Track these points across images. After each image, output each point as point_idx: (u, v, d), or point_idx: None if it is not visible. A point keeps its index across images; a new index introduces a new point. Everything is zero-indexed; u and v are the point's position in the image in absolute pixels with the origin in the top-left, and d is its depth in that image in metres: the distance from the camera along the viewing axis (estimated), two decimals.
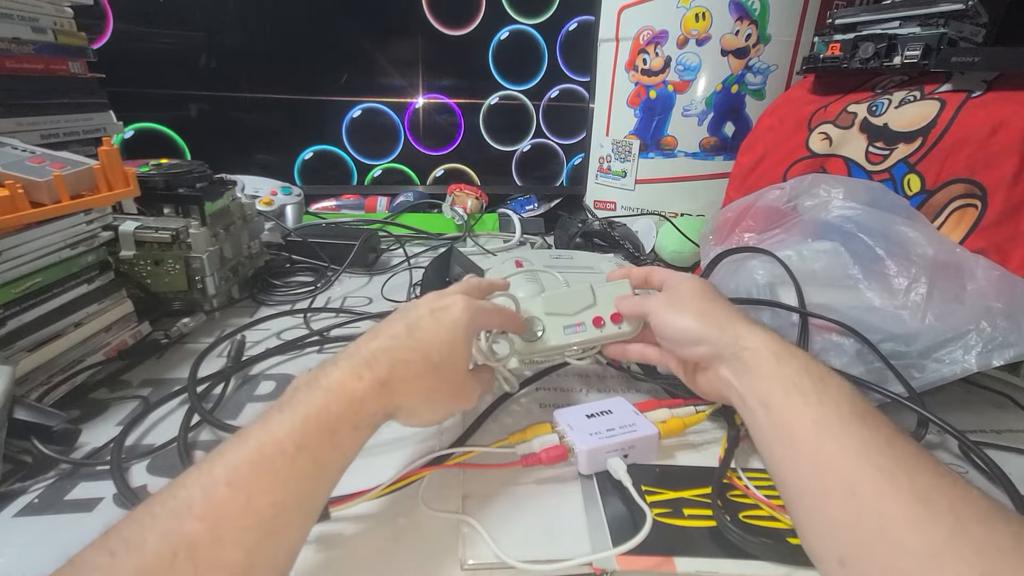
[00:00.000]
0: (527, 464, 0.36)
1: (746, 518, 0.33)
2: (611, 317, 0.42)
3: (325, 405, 0.26)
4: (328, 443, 0.25)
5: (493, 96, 1.07)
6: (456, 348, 0.32)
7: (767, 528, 0.32)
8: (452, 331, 0.32)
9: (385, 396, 0.28)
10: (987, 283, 0.43)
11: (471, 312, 0.33)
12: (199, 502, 0.21)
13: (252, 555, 0.21)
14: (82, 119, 0.60)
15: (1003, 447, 0.41)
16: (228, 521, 0.21)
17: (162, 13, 0.87)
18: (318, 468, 0.25)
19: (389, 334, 0.31)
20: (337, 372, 0.28)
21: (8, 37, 0.52)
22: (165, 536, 0.20)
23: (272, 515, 0.22)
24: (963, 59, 0.49)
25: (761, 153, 0.67)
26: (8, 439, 0.35)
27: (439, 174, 1.10)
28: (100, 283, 0.47)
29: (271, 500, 0.22)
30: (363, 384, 0.27)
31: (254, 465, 0.23)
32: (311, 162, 1.03)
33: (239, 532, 0.21)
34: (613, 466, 0.35)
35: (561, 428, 0.38)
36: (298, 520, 0.24)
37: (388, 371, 0.28)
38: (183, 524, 0.21)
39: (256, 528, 0.22)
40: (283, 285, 0.69)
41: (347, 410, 0.26)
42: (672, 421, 0.39)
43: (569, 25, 1.05)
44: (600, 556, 0.30)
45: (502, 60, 1.05)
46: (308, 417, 0.25)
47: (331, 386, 0.27)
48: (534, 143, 1.13)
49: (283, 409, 0.25)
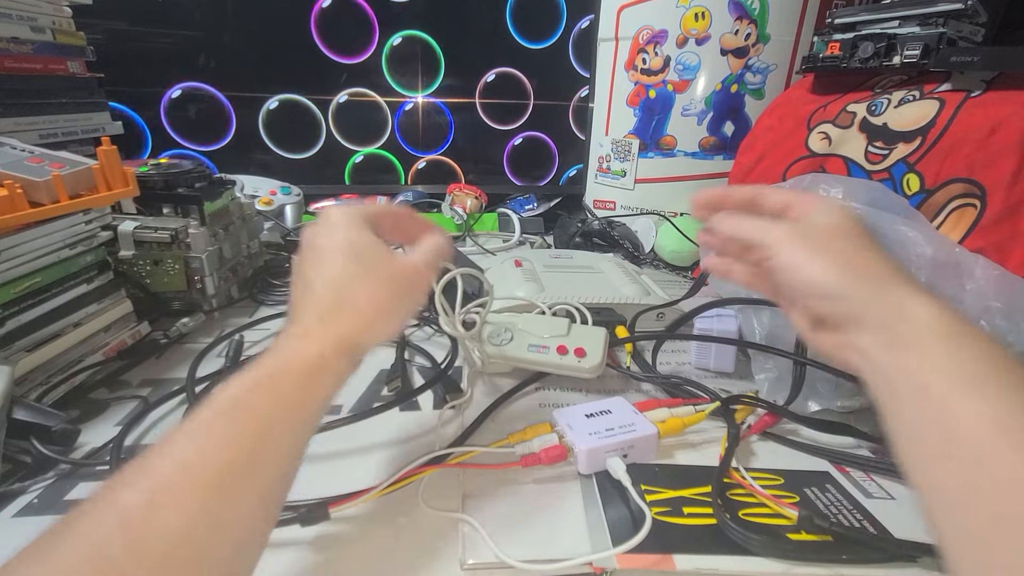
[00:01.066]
0: (527, 464, 0.36)
1: (746, 515, 0.33)
2: (575, 351, 0.45)
3: (259, 362, 0.24)
4: (268, 394, 0.23)
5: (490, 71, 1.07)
6: (353, 239, 0.29)
7: (767, 525, 0.32)
8: (336, 228, 0.29)
9: (329, 333, 0.26)
10: (986, 282, 0.43)
11: (341, 209, 0.30)
12: (131, 473, 0.20)
13: (194, 519, 0.19)
14: (81, 119, 0.60)
15: None
16: (165, 489, 0.20)
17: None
18: (261, 423, 0.22)
19: (299, 284, 0.29)
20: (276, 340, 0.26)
21: (7, 36, 0.52)
22: (96, 507, 0.19)
23: (215, 476, 0.20)
24: (962, 59, 0.49)
25: (760, 153, 0.67)
26: (7, 439, 0.35)
27: (421, 166, 1.10)
28: (99, 283, 0.47)
29: (210, 462, 0.21)
30: (294, 331, 0.26)
31: (187, 432, 0.21)
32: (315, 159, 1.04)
33: (177, 496, 0.20)
34: (612, 466, 0.35)
35: (560, 428, 0.38)
36: (247, 481, 0.21)
37: (319, 303, 0.27)
38: (116, 495, 0.19)
39: (198, 492, 0.20)
40: (282, 285, 0.69)
41: (284, 358, 0.25)
42: (671, 421, 0.39)
43: None
44: (600, 556, 0.30)
45: None
46: (242, 375, 0.24)
47: (267, 350, 0.25)
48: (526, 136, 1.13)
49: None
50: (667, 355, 0.53)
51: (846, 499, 0.35)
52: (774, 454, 0.39)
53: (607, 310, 0.54)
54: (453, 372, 0.47)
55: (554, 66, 1.09)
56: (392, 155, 1.08)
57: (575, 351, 0.46)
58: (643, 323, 0.56)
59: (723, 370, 0.50)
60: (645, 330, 0.55)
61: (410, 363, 0.51)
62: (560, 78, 1.11)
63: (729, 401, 0.42)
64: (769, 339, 0.47)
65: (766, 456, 0.39)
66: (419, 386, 0.44)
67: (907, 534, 0.31)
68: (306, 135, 1.03)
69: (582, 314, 0.52)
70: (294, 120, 1.01)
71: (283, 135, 1.01)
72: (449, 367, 0.47)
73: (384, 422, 0.41)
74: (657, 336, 0.54)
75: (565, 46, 1.08)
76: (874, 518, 0.33)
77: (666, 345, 0.54)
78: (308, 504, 0.31)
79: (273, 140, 1.01)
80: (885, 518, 0.33)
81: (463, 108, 1.08)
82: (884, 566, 0.30)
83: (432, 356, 0.51)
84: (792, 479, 0.37)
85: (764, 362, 0.46)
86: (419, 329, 0.58)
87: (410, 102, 1.05)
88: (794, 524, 0.32)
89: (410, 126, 1.07)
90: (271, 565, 0.29)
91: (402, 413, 0.43)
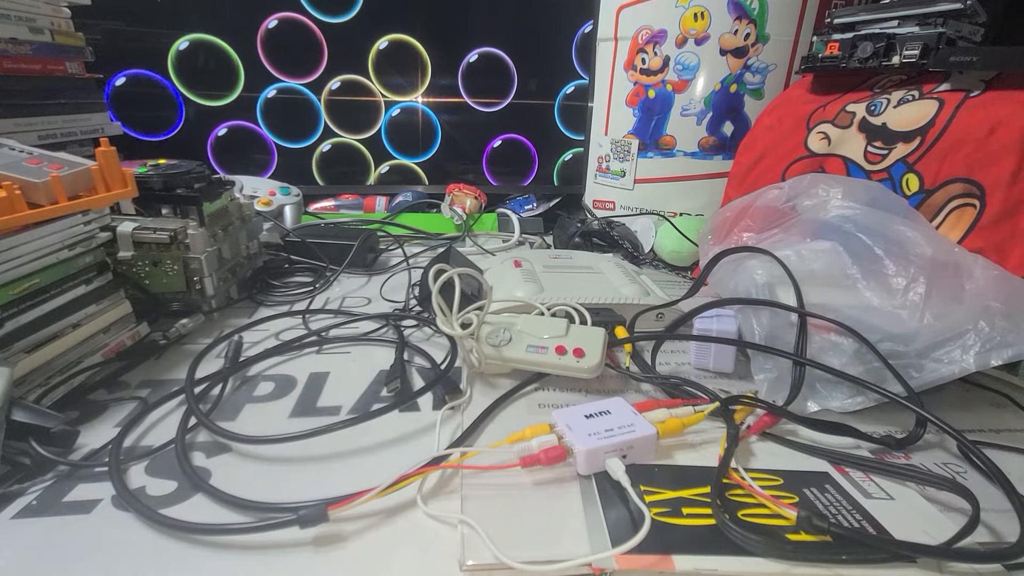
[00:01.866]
0: (526, 465, 0.36)
1: (745, 516, 0.33)
2: (574, 351, 0.45)
3: None
4: None
5: None
6: None
7: (766, 526, 0.32)
8: None
9: None
10: (985, 282, 0.43)
11: None
12: None
13: None
14: (80, 119, 0.60)
15: (1002, 447, 0.41)
16: None
17: None
18: None
19: None
20: None
21: (5, 37, 0.52)
22: None
23: None
24: (962, 58, 0.49)
25: (760, 152, 0.67)
26: (6, 441, 0.35)
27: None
28: (98, 284, 0.47)
29: None
30: None
31: None
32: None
33: None
34: (611, 466, 0.35)
35: (560, 428, 0.38)
36: None
37: None
38: None
39: None
40: (282, 285, 0.69)
41: None
42: (671, 421, 0.39)
43: None
44: (599, 556, 0.30)
45: None
46: None
47: None
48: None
49: None
50: (666, 355, 0.53)
51: (845, 499, 0.35)
52: (773, 455, 0.39)
53: (606, 310, 0.54)
54: (452, 373, 0.47)
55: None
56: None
57: (574, 351, 0.46)
58: (642, 323, 0.56)
59: (722, 370, 0.50)
60: (644, 330, 0.55)
61: (409, 364, 0.51)
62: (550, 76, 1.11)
63: (728, 401, 0.42)
64: (768, 339, 0.47)
65: (765, 456, 0.39)
66: (419, 388, 0.44)
67: (907, 534, 0.31)
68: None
69: (581, 314, 0.52)
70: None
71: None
72: (449, 368, 0.47)
73: (383, 423, 0.41)
74: (656, 336, 0.54)
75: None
76: (873, 518, 0.33)
77: (665, 345, 0.54)
78: (307, 506, 0.31)
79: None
80: (884, 518, 0.33)
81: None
82: (883, 566, 0.30)
83: (431, 357, 0.51)
84: (791, 479, 0.37)
85: (763, 362, 0.46)
86: (418, 330, 0.58)
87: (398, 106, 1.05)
88: (793, 525, 0.32)
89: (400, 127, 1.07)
90: (270, 567, 0.29)
91: (401, 414, 0.43)
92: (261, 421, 0.42)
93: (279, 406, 0.44)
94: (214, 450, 0.39)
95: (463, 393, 0.45)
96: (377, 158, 1.09)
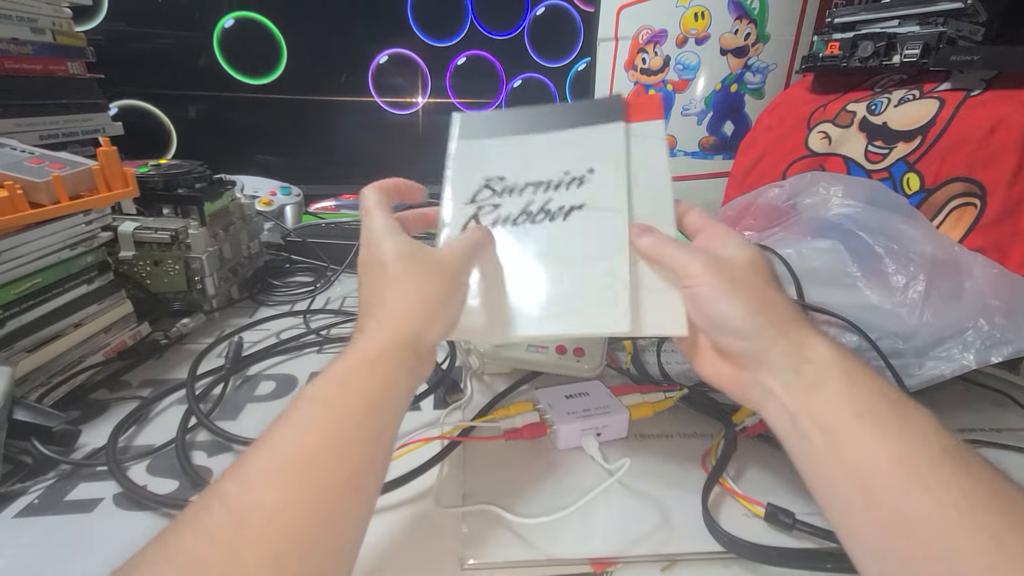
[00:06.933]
0: (509, 438, 0.39)
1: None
2: (574, 351, 0.46)
3: (331, 363, 0.26)
4: (339, 387, 0.25)
5: None
6: (386, 235, 0.29)
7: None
8: (371, 229, 0.30)
9: (385, 328, 0.27)
10: (985, 281, 0.43)
11: (373, 197, 0.32)
12: (228, 469, 0.22)
13: (287, 495, 0.21)
14: (81, 119, 0.60)
15: (1002, 445, 0.41)
16: (258, 472, 0.22)
17: None
18: (336, 412, 0.24)
19: (360, 295, 0.30)
20: None
21: (7, 38, 0.52)
22: (201, 498, 0.21)
23: (301, 460, 0.22)
24: (962, 58, 0.49)
25: (760, 152, 0.67)
26: (8, 440, 0.35)
27: None
28: (99, 284, 0.47)
29: (295, 448, 0.23)
30: (356, 334, 0.28)
31: (275, 427, 0.23)
32: None
33: (270, 476, 0.22)
34: (586, 443, 0.38)
35: (542, 406, 0.41)
36: (332, 464, 0.23)
37: (375, 307, 0.28)
38: (216, 486, 0.21)
39: (288, 472, 0.22)
40: (283, 285, 0.69)
41: (348, 356, 0.26)
42: (643, 405, 0.42)
43: None
44: (599, 556, 0.30)
45: None
46: (318, 377, 0.26)
47: (337, 355, 0.27)
48: None
49: None
50: (667, 355, 0.53)
51: None
52: (773, 456, 0.39)
53: None
54: (453, 372, 0.47)
55: None
56: None
57: (574, 351, 0.46)
58: None
59: None
60: None
61: None
62: None
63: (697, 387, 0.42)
64: None
65: (763, 458, 0.39)
66: (423, 391, 0.45)
67: None
68: None
69: None
70: None
71: None
72: (450, 368, 0.47)
73: None
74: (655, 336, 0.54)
75: None
76: None
77: (666, 345, 0.54)
78: None
79: None
80: None
81: None
82: None
83: None
84: None
85: None
86: None
87: None
88: (762, 517, 0.33)
89: None
90: None
91: None
92: (262, 420, 0.42)
93: (280, 406, 0.44)
94: (215, 449, 0.39)
95: (464, 393, 0.45)
96: None
